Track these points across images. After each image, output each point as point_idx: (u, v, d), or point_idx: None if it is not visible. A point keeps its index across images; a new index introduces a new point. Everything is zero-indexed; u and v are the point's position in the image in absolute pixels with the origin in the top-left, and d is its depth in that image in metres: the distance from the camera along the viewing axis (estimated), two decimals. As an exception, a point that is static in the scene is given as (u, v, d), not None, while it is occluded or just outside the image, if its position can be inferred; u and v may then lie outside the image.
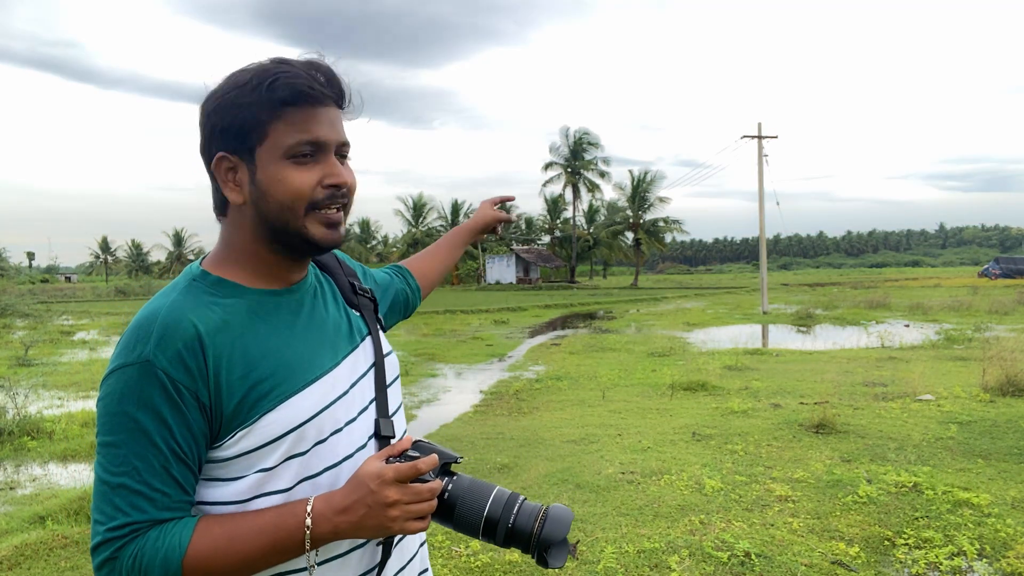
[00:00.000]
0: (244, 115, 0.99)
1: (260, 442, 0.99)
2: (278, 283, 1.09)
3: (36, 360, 13.39)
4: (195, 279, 1.05)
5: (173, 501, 0.97)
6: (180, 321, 0.97)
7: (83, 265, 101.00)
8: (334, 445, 1.05)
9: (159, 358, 0.95)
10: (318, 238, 1.03)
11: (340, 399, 1.07)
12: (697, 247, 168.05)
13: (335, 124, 1.04)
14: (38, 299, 35.62)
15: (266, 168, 1.01)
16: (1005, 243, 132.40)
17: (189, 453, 0.97)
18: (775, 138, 25.71)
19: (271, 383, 1.00)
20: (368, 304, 1.23)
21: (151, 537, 0.94)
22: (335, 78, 1.04)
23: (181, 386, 0.95)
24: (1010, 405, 6.95)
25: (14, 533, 4.39)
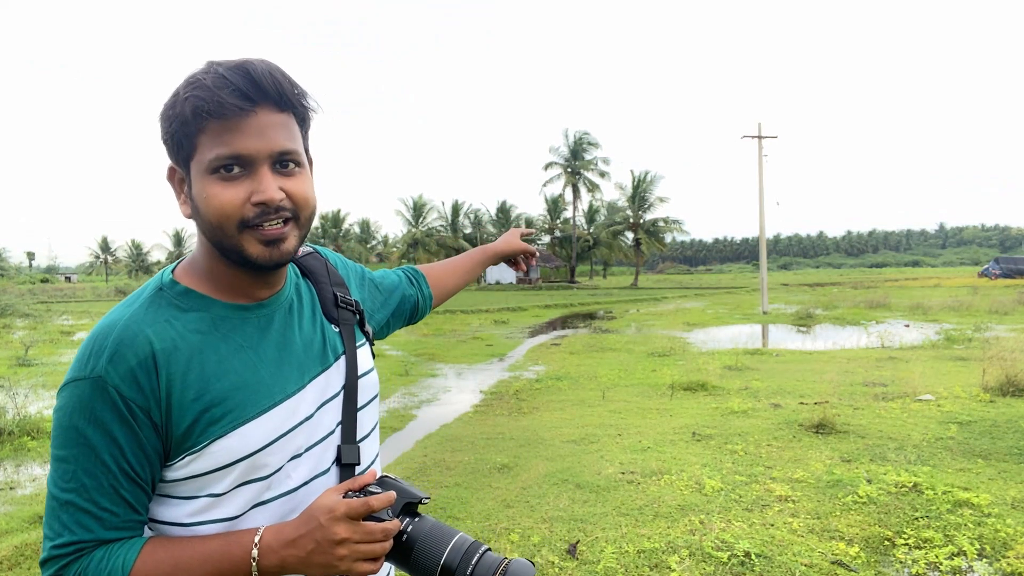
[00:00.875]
0: (175, 127, 0.94)
1: (210, 467, 0.95)
2: (245, 298, 1.03)
3: (36, 360, 13.38)
4: (162, 288, 1.01)
5: (121, 521, 0.93)
6: (136, 337, 0.93)
7: (83, 265, 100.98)
8: (291, 472, 1.01)
9: (111, 375, 0.91)
10: (255, 256, 0.95)
11: (302, 424, 1.02)
12: (697, 247, 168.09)
13: (266, 133, 0.93)
14: (38, 299, 35.65)
15: (196, 183, 0.95)
16: (1005, 243, 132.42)
17: (140, 473, 0.93)
18: (775, 138, 25.74)
19: (225, 407, 0.95)
20: (349, 318, 1.16)
21: (96, 557, 0.92)
22: (268, 81, 0.93)
23: (133, 404, 0.91)
24: (1010, 405, 6.95)
25: (14, 533, 4.39)
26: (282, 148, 0.95)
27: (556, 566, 3.59)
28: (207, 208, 0.94)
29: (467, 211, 67.79)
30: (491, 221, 68.48)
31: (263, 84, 0.93)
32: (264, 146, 0.93)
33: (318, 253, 1.23)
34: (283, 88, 0.95)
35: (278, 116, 0.95)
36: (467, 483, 5.06)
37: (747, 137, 25.46)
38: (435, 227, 66.15)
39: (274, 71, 0.94)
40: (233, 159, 0.92)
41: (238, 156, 0.92)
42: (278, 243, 0.96)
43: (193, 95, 0.91)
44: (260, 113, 0.93)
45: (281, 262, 0.98)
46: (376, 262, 73.78)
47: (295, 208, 0.97)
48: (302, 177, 0.99)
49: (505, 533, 4.04)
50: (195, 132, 0.93)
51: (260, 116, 0.93)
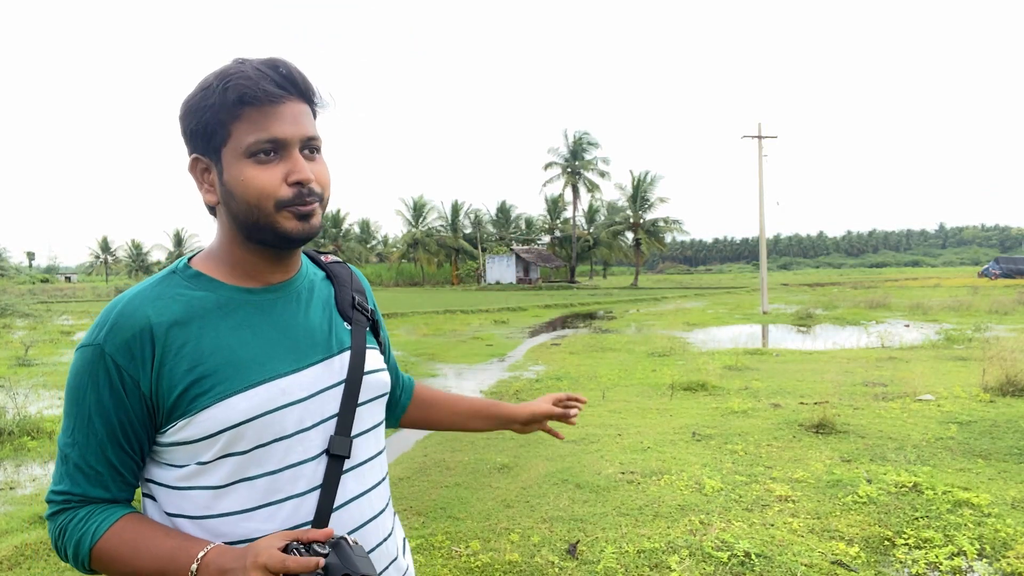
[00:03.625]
0: (208, 117, 1.02)
1: (197, 436, 1.01)
2: (255, 282, 1.10)
3: (36, 360, 13.38)
4: (175, 271, 1.09)
5: (106, 480, 1.02)
6: (135, 312, 1.01)
7: (83, 265, 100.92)
8: (277, 451, 1.03)
9: (109, 344, 1.00)
10: (290, 230, 1.04)
11: (291, 406, 1.04)
12: (697, 247, 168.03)
13: (298, 120, 1.03)
14: (38, 299, 35.65)
15: (230, 168, 1.03)
16: (1005, 243, 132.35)
17: (124, 438, 1.01)
18: (775, 138, 25.73)
19: (214, 380, 1.01)
20: (363, 320, 1.20)
21: (78, 516, 1.01)
22: (296, 75, 1.04)
23: (125, 373, 0.99)
24: (1010, 405, 6.95)
25: (14, 533, 4.39)
26: (310, 134, 1.05)
27: (556, 566, 3.59)
28: (245, 190, 1.02)
29: (467, 211, 67.82)
30: (491, 221, 68.50)
31: (293, 76, 1.04)
32: (296, 131, 1.03)
33: (347, 265, 1.30)
34: (307, 83, 1.06)
35: (303, 106, 1.06)
36: (467, 483, 5.06)
37: (747, 137, 25.47)
38: (435, 227, 66.18)
39: (297, 67, 1.06)
40: (271, 143, 1.01)
41: (275, 140, 1.01)
42: (309, 218, 1.05)
43: (236, 83, 0.99)
44: (289, 103, 1.03)
45: (312, 235, 1.07)
46: (376, 262, 73.78)
47: (321, 190, 1.07)
48: (323, 163, 1.09)
49: (505, 533, 4.04)
50: (231, 120, 1.01)
51: (290, 105, 1.03)
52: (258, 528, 1.02)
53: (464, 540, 3.95)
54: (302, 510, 1.05)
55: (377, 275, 66.83)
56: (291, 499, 1.04)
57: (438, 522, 4.27)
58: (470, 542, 3.90)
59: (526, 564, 3.62)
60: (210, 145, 1.04)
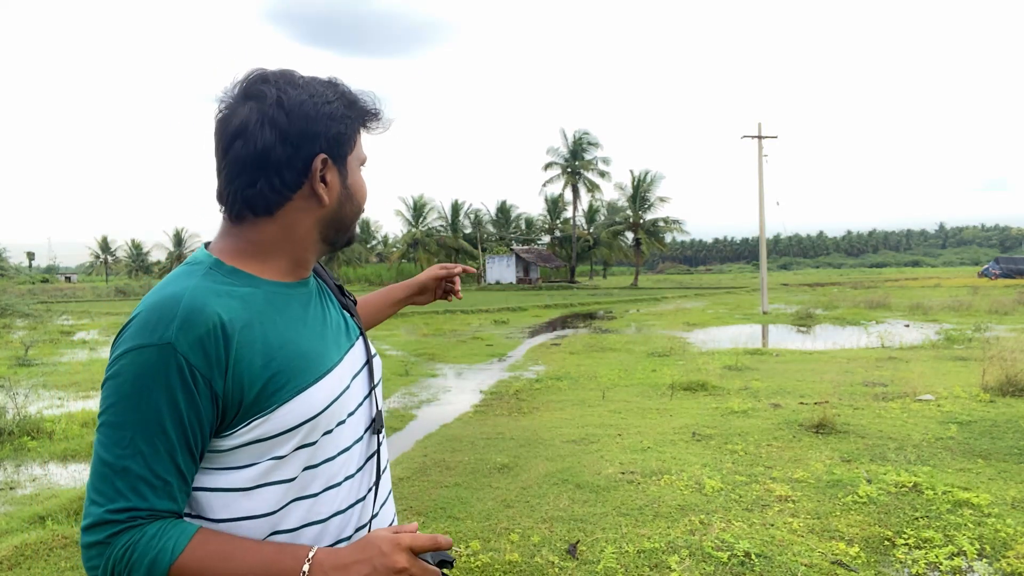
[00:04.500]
0: (343, 126, 1.10)
1: (276, 431, 1.00)
2: (292, 276, 1.12)
3: (36, 360, 13.38)
4: (211, 268, 1.05)
5: (174, 491, 0.96)
6: (204, 307, 0.97)
7: (83, 265, 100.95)
8: (337, 436, 1.10)
9: (181, 342, 0.94)
10: (355, 236, 1.20)
11: (345, 392, 1.12)
12: (697, 247, 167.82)
13: None
14: (38, 299, 35.60)
15: (353, 174, 1.14)
16: (1005, 243, 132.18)
17: (194, 443, 0.96)
18: (775, 138, 25.72)
19: (288, 374, 1.02)
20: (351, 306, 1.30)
21: (147, 533, 0.93)
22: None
23: (198, 373, 0.94)
24: (1010, 405, 6.95)
25: (14, 533, 4.39)
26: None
27: (556, 566, 3.59)
28: (360, 195, 1.16)
29: (467, 211, 67.71)
30: (491, 221, 68.44)
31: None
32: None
33: None
34: None
35: None
36: (467, 483, 5.06)
37: (747, 137, 25.45)
38: (435, 227, 66.08)
39: None
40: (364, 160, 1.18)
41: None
42: None
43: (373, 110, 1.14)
44: None
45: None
46: (376, 262, 73.73)
47: None
48: None
49: (505, 533, 4.04)
50: (357, 132, 1.13)
51: None
52: (319, 511, 1.07)
53: (464, 540, 3.94)
54: (355, 488, 1.13)
55: (377, 275, 66.76)
56: (347, 480, 1.11)
57: (438, 522, 4.27)
58: (470, 542, 3.90)
59: (526, 564, 3.62)
60: (340, 151, 1.11)
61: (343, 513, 1.10)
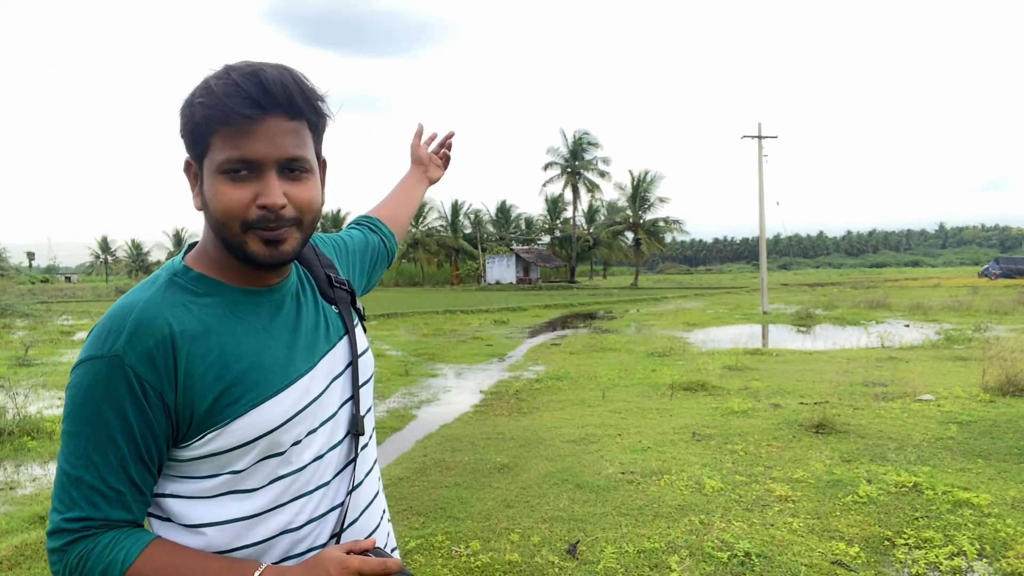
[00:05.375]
0: (192, 127, 0.98)
1: (232, 444, 0.98)
2: (256, 283, 1.07)
3: (36, 360, 13.38)
4: (176, 274, 1.04)
5: (128, 501, 0.96)
6: (155, 319, 0.96)
7: (83, 265, 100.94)
8: (309, 445, 1.06)
9: (128, 354, 0.93)
10: (256, 254, 0.99)
11: (315, 401, 1.07)
12: (697, 247, 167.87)
13: (276, 139, 0.96)
14: (38, 299, 35.61)
15: (207, 180, 0.99)
16: (1005, 243, 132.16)
17: (148, 454, 0.96)
18: (775, 138, 25.71)
19: (243, 388, 0.98)
20: (345, 297, 1.21)
21: (100, 543, 0.93)
22: (280, 89, 0.95)
23: (147, 385, 0.94)
24: (1010, 405, 6.95)
25: (14, 533, 4.39)
26: (289, 155, 0.98)
27: (556, 566, 3.59)
28: (215, 205, 0.98)
29: (467, 211, 67.74)
30: (491, 221, 68.44)
31: (274, 92, 0.95)
32: (272, 152, 0.96)
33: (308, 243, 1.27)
34: (294, 97, 0.96)
35: (288, 123, 0.97)
36: (467, 483, 5.06)
37: (747, 137, 25.45)
38: (435, 227, 66.09)
39: (286, 79, 0.96)
40: (241, 163, 0.96)
41: (246, 160, 0.96)
42: (278, 244, 1.00)
43: (203, 102, 0.94)
44: (270, 120, 0.96)
45: (281, 262, 1.02)
46: (376, 262, 73.53)
47: (298, 214, 1.01)
48: (309, 183, 1.02)
49: (505, 533, 4.04)
50: (208, 134, 0.97)
51: (270, 123, 0.96)
52: (290, 520, 1.04)
53: (464, 540, 3.94)
54: (328, 497, 1.08)
55: (377, 275, 66.66)
56: (321, 488, 1.07)
57: (438, 522, 4.27)
58: (470, 542, 3.90)
59: (526, 564, 3.62)
60: (196, 153, 1.01)
61: (317, 521, 1.06)
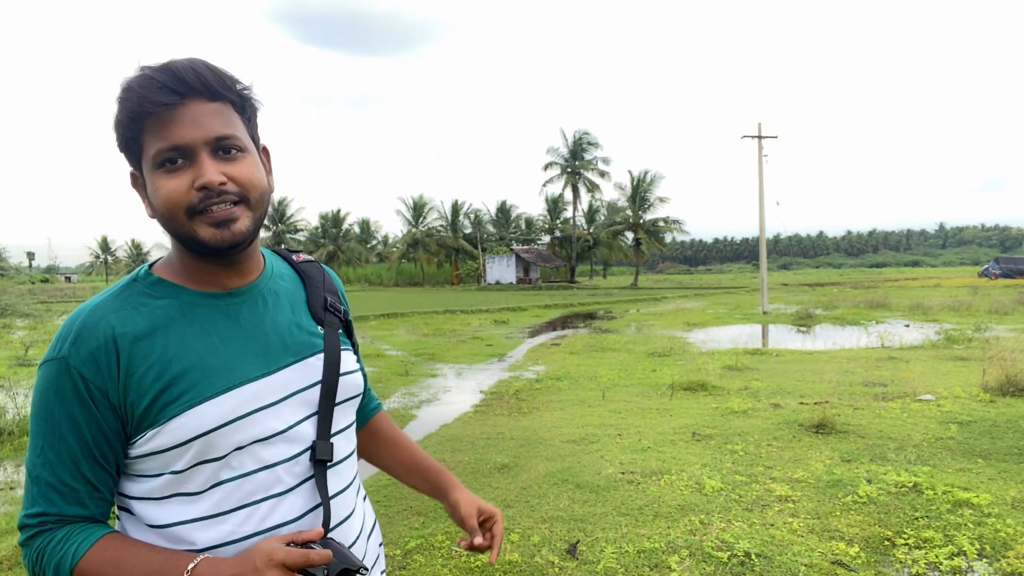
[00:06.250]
0: (122, 129, 1.00)
1: (168, 444, 0.99)
2: (215, 287, 1.07)
3: (36, 360, 13.38)
4: (136, 279, 1.07)
5: (83, 497, 0.99)
6: (98, 323, 0.99)
7: (83, 265, 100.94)
8: (253, 454, 1.03)
9: (73, 357, 0.98)
10: (206, 238, 1.00)
11: (264, 409, 1.04)
12: (697, 247, 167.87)
13: (200, 121, 0.98)
14: (38, 299, 35.60)
15: (148, 182, 1.01)
16: (1005, 243, 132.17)
17: (99, 452, 0.99)
18: (775, 138, 25.73)
19: (182, 387, 0.99)
20: (335, 321, 1.19)
21: (56, 538, 0.97)
22: (191, 74, 0.97)
23: (92, 385, 0.97)
24: (1010, 405, 6.95)
25: (14, 533, 4.39)
26: (218, 134, 0.99)
27: (556, 566, 3.59)
28: (157, 200, 1.00)
29: (467, 211, 67.77)
30: (491, 221, 68.46)
31: (186, 78, 0.97)
32: (199, 134, 0.98)
33: (319, 265, 1.27)
34: (208, 80, 0.99)
35: (210, 105, 1.00)
36: (467, 483, 5.06)
37: (747, 137, 25.45)
38: (435, 227, 66.12)
39: (197, 66, 0.99)
40: (173, 150, 0.97)
41: (176, 147, 0.97)
42: (228, 224, 1.00)
43: (123, 98, 0.97)
44: (190, 104, 0.98)
45: (235, 243, 1.02)
46: (376, 262, 73.70)
47: (242, 190, 1.01)
48: (246, 161, 1.03)
49: (505, 533, 4.04)
50: (138, 133, 0.98)
51: (191, 107, 0.98)
52: (233, 531, 1.02)
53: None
54: (279, 511, 1.05)
55: (377, 275, 66.76)
56: (267, 500, 1.04)
57: (438, 522, 4.27)
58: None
59: (526, 564, 3.62)
60: (133, 160, 1.03)
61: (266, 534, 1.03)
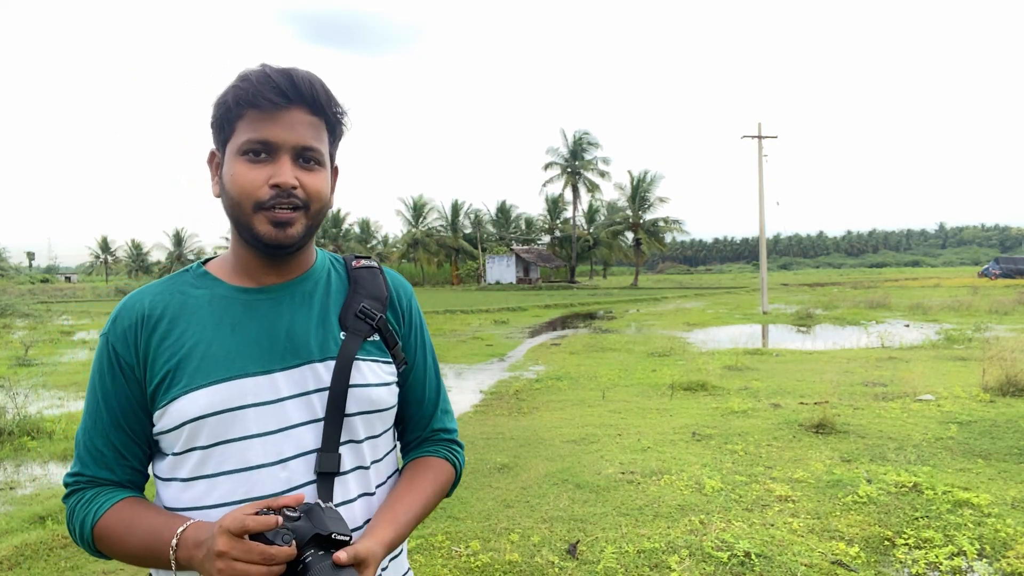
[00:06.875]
0: (221, 113, 1.06)
1: (168, 426, 1.04)
2: (251, 282, 1.12)
3: (36, 360, 13.38)
4: (188, 270, 1.15)
5: (110, 462, 1.07)
6: (135, 304, 1.09)
7: (83, 265, 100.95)
8: (236, 451, 1.02)
9: (111, 333, 1.08)
10: (262, 234, 1.04)
11: (254, 407, 1.03)
12: (697, 247, 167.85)
13: (296, 127, 1.04)
14: (38, 299, 35.65)
15: (227, 163, 1.06)
16: (1005, 243, 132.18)
17: (126, 422, 1.07)
18: (775, 138, 25.72)
19: (183, 373, 1.04)
20: (363, 328, 1.14)
21: (85, 498, 1.06)
22: (305, 85, 1.04)
23: (122, 360, 1.06)
24: (1010, 405, 6.95)
25: (14, 533, 4.39)
26: (306, 143, 1.05)
27: (556, 566, 3.59)
28: (232, 185, 1.05)
29: (467, 211, 67.77)
30: (491, 221, 68.46)
31: (301, 87, 1.04)
32: (290, 137, 1.04)
33: (380, 271, 1.24)
34: (318, 94, 1.06)
35: (309, 117, 1.06)
36: (467, 483, 5.06)
37: (747, 137, 25.47)
38: (435, 227, 66.13)
39: (314, 80, 1.06)
40: (261, 143, 1.03)
41: (265, 141, 1.03)
42: (285, 226, 1.04)
43: (239, 86, 1.03)
44: (293, 111, 1.04)
45: (286, 244, 1.06)
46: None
47: (307, 199, 1.06)
48: (319, 175, 1.08)
49: (505, 533, 4.04)
50: (235, 118, 1.05)
51: (293, 113, 1.04)
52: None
53: (464, 540, 3.94)
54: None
55: (377, 275, 66.56)
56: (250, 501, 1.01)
57: (438, 522, 4.27)
58: (470, 542, 3.90)
59: (526, 564, 3.62)
60: (220, 139, 1.08)
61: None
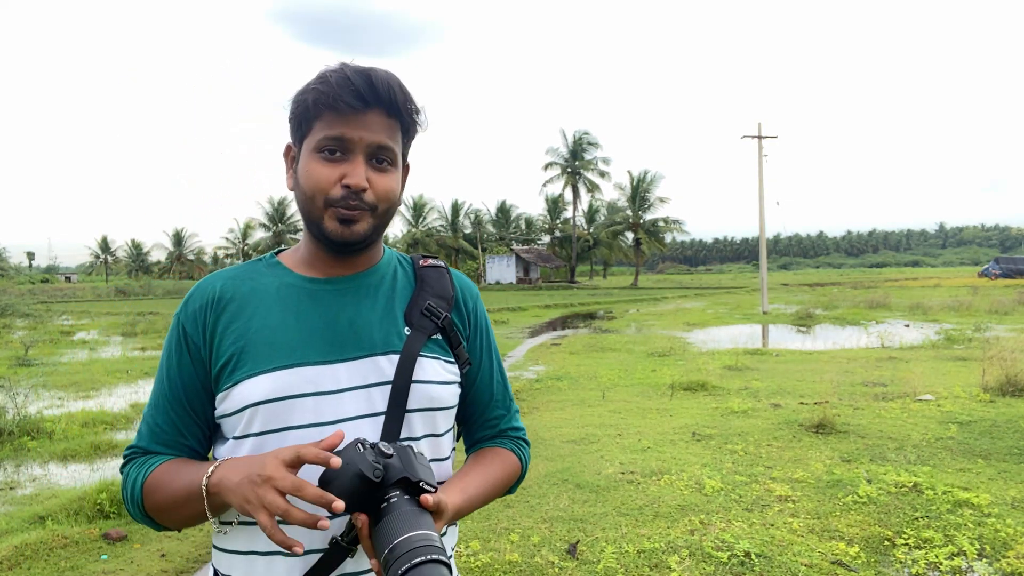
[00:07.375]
0: (300, 110, 1.08)
1: (230, 409, 1.06)
2: (318, 273, 1.14)
3: (36, 360, 13.38)
4: (262, 259, 1.19)
5: (168, 438, 1.09)
6: (208, 286, 1.12)
7: (83, 265, 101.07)
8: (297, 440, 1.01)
9: (183, 313, 1.11)
10: (329, 230, 1.06)
11: (313, 396, 1.04)
12: (697, 247, 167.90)
13: (371, 128, 1.06)
14: (38, 299, 35.64)
15: (303, 159, 1.09)
16: (1005, 243, 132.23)
17: (188, 402, 1.09)
18: (775, 138, 25.74)
19: (247, 356, 1.06)
20: (428, 326, 1.15)
21: (138, 462, 1.09)
22: (383, 88, 1.05)
23: (190, 339, 1.09)
24: (1010, 405, 6.95)
25: (14, 533, 4.38)
26: (380, 143, 1.07)
27: (556, 566, 3.59)
28: (306, 180, 1.07)
29: (467, 211, 67.73)
30: (491, 221, 68.45)
31: (379, 90, 1.05)
32: (365, 137, 1.06)
33: (446, 270, 1.24)
34: (396, 97, 1.07)
35: (385, 120, 1.08)
36: (467, 483, 5.06)
37: (747, 137, 25.47)
38: (435, 227, 66.10)
39: (392, 82, 1.07)
40: (336, 142, 1.05)
41: (341, 140, 1.05)
42: (351, 224, 1.06)
43: (317, 88, 1.05)
44: (370, 113, 1.06)
45: (351, 241, 1.08)
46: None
47: (375, 200, 1.08)
48: (391, 175, 1.10)
49: (505, 533, 4.04)
50: (313, 117, 1.07)
51: (370, 116, 1.06)
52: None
53: (464, 540, 3.94)
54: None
55: (377, 275, 66.56)
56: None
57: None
58: (470, 542, 3.90)
59: (526, 564, 3.62)
60: (298, 134, 1.11)
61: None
